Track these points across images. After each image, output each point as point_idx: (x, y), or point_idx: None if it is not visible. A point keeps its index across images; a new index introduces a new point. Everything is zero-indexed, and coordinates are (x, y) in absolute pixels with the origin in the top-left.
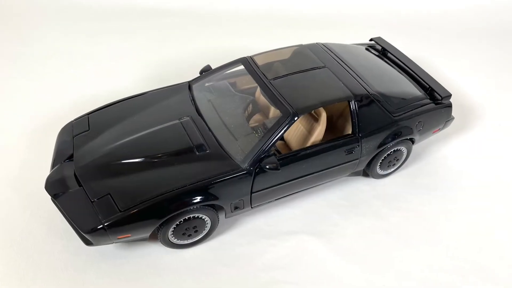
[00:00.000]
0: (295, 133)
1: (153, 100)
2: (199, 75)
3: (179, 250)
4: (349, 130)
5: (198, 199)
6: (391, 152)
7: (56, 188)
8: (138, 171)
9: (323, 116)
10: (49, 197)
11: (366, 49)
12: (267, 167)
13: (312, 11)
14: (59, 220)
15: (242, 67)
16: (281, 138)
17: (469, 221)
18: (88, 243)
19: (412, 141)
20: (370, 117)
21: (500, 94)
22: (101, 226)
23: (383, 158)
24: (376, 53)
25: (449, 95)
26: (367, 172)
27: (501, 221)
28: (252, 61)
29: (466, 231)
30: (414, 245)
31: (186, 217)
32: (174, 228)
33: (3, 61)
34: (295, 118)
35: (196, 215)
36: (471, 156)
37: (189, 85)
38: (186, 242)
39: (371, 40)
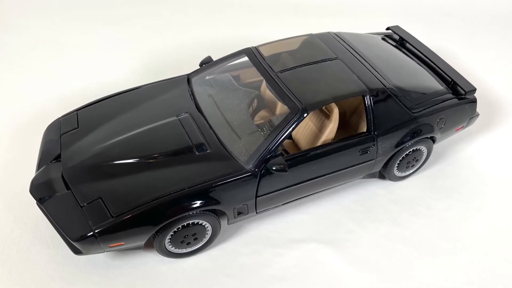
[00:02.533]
0: (304, 131)
1: (149, 95)
2: (199, 67)
3: (177, 260)
4: (363, 128)
5: (197, 203)
6: (410, 152)
7: (42, 191)
8: (131, 173)
9: (335, 112)
10: (34, 201)
11: (383, 38)
12: (274, 168)
13: None
14: (45, 227)
15: (246, 58)
16: (289, 136)
17: (496, 228)
18: (77, 252)
19: (433, 139)
20: (387, 113)
21: None
22: (92, 233)
23: (401, 158)
24: (393, 43)
25: (474, 90)
26: (383, 174)
27: None
28: (257, 52)
29: (493, 239)
30: (436, 254)
31: (185, 224)
32: (172, 235)
33: None
34: (305, 115)
35: (196, 221)
36: (497, 157)
37: (188, 78)
38: (184, 250)
39: (387, 29)
